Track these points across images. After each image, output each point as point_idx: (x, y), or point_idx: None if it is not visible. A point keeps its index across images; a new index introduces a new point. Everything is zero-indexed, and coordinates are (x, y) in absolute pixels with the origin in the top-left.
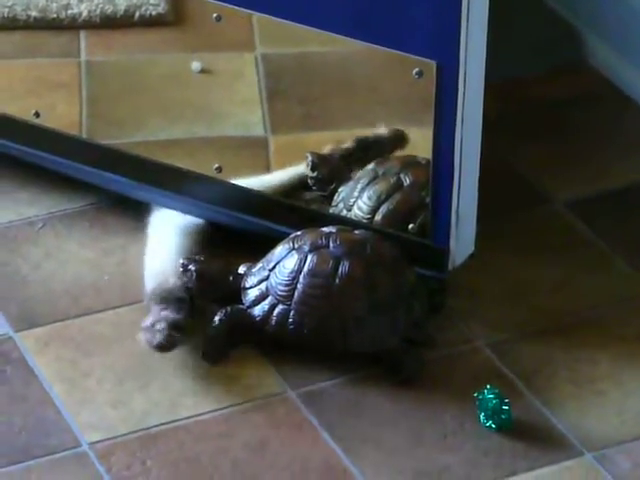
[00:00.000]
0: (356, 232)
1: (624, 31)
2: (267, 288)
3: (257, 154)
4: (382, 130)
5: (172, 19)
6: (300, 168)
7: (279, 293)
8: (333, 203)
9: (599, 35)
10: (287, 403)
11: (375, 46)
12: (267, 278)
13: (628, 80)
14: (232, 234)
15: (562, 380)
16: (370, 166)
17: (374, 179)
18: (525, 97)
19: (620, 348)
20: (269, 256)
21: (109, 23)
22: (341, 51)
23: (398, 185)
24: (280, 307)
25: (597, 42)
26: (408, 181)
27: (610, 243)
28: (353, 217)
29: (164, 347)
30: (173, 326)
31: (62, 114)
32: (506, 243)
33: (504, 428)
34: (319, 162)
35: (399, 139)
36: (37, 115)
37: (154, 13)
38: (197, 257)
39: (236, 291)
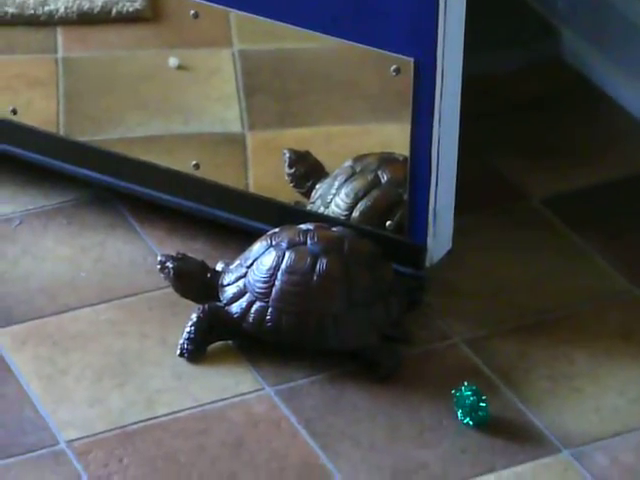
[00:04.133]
0: (334, 229)
1: (600, 27)
2: (245, 285)
3: (235, 151)
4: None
5: (149, 15)
6: None
7: (257, 290)
8: (311, 200)
9: (574, 31)
10: (265, 400)
11: (353, 43)
12: (245, 275)
13: (603, 76)
14: (209, 231)
15: (539, 377)
16: (348, 163)
17: (351, 176)
18: (501, 93)
19: (597, 345)
20: (247, 253)
21: (86, 19)
22: (319, 48)
23: (376, 182)
24: (258, 304)
25: (573, 38)
26: (385, 178)
27: (587, 239)
28: (331, 214)
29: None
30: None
31: (39, 111)
32: (483, 240)
33: (481, 425)
34: (296, 159)
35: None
36: (14, 112)
37: (131, 9)
38: (175, 254)
39: (214, 288)
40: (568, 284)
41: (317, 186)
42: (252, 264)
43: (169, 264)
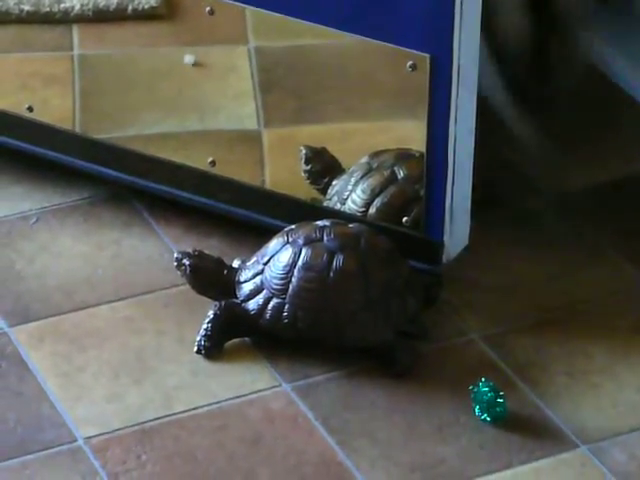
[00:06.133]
0: (350, 226)
1: (618, 23)
2: (262, 282)
3: (251, 148)
4: None
5: (165, 12)
6: None
7: (274, 287)
8: (327, 196)
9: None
10: (282, 397)
11: (369, 39)
12: (262, 272)
13: (621, 71)
14: (226, 228)
15: (557, 373)
16: (364, 159)
17: (368, 172)
18: None
19: (614, 340)
20: (263, 250)
21: (102, 16)
22: (334, 44)
23: (392, 178)
24: (275, 301)
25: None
26: (402, 174)
27: (603, 235)
28: (347, 210)
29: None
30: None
31: (55, 108)
32: (500, 236)
33: (499, 421)
34: (313, 155)
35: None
36: (30, 109)
37: (147, 6)
38: (191, 251)
39: (231, 285)
40: (585, 279)
41: (333, 183)
42: (269, 261)
43: (186, 261)
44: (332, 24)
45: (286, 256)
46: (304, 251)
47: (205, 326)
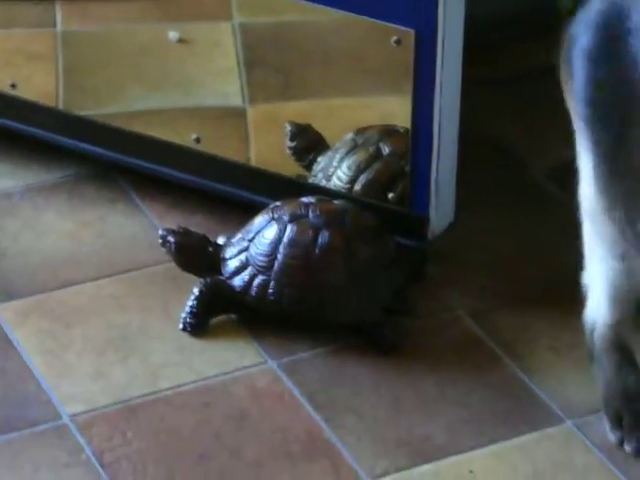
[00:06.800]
0: (335, 202)
1: None
2: (247, 259)
3: (235, 124)
4: None
5: None
6: None
7: (259, 264)
8: (312, 173)
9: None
10: (268, 374)
11: (353, 15)
12: (247, 249)
13: None
14: (211, 205)
15: (542, 348)
16: (349, 135)
17: (353, 149)
18: (502, 64)
19: None
20: (248, 226)
21: None
22: (319, 20)
23: (377, 154)
24: (260, 277)
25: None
26: (387, 150)
27: None
28: (332, 187)
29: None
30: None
31: (39, 85)
32: (485, 211)
33: None
34: (298, 132)
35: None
36: (13, 86)
37: None
38: (176, 228)
39: (216, 262)
40: (571, 255)
41: (318, 159)
42: (254, 237)
43: (170, 238)
44: (317, 0)
45: (271, 233)
46: (289, 228)
47: (190, 303)
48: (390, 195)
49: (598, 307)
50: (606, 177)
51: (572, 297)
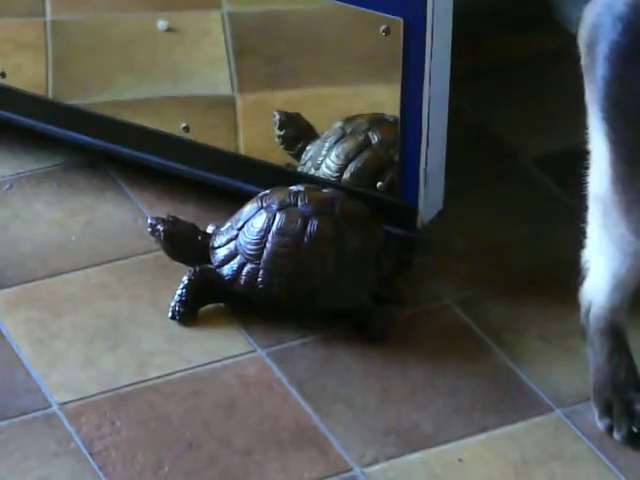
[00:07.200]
0: (324, 190)
1: None
2: (236, 247)
3: (224, 113)
4: None
5: None
6: None
7: (248, 252)
8: (301, 161)
9: None
10: (256, 362)
11: (342, 3)
12: (236, 237)
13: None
14: (200, 193)
15: (531, 337)
16: (338, 124)
17: (342, 137)
18: (492, 53)
19: None
20: (237, 215)
21: None
22: (308, 9)
23: (366, 143)
24: (249, 266)
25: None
26: (376, 139)
27: (577, 199)
28: (321, 175)
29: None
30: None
31: (28, 74)
32: (474, 200)
33: None
34: (287, 121)
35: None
36: (3, 75)
37: None
38: (165, 217)
39: (205, 251)
40: (559, 244)
41: (307, 148)
42: (243, 226)
43: (160, 227)
44: None
45: (260, 221)
46: (278, 216)
47: (179, 292)
48: (379, 184)
49: (596, 289)
50: (626, 178)
51: (562, 286)
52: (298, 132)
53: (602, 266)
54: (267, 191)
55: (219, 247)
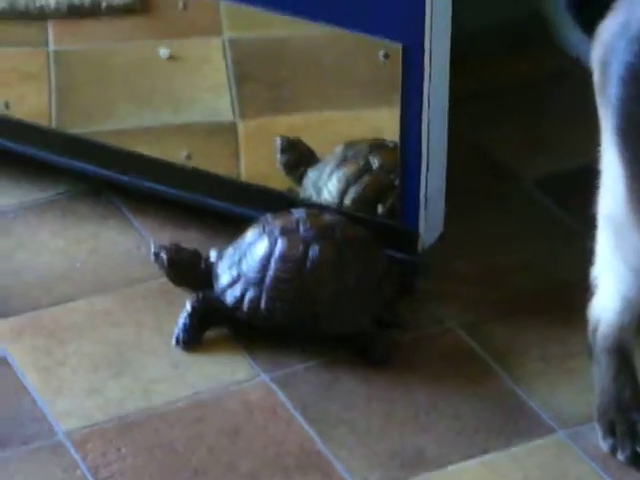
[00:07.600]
0: (326, 215)
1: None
2: (238, 273)
3: (226, 139)
4: None
5: (139, 7)
6: None
7: (250, 278)
8: (302, 186)
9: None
10: (260, 387)
11: (341, 29)
12: (238, 263)
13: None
14: (202, 220)
15: (533, 359)
16: (339, 149)
17: (343, 162)
18: (492, 75)
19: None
20: (240, 241)
21: (76, 12)
22: (308, 35)
23: (367, 168)
24: (252, 292)
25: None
26: (377, 163)
27: (578, 221)
28: (322, 200)
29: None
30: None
31: (31, 104)
32: (475, 222)
33: None
34: (288, 146)
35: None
36: (7, 106)
37: (121, 2)
38: (168, 244)
39: (208, 277)
40: (560, 266)
41: (309, 173)
42: (245, 252)
43: (163, 254)
44: (305, 15)
45: (262, 247)
46: (280, 242)
47: (183, 319)
48: (380, 208)
49: (604, 308)
50: None
51: (564, 307)
52: (299, 157)
53: (612, 285)
54: (269, 216)
55: (222, 273)
